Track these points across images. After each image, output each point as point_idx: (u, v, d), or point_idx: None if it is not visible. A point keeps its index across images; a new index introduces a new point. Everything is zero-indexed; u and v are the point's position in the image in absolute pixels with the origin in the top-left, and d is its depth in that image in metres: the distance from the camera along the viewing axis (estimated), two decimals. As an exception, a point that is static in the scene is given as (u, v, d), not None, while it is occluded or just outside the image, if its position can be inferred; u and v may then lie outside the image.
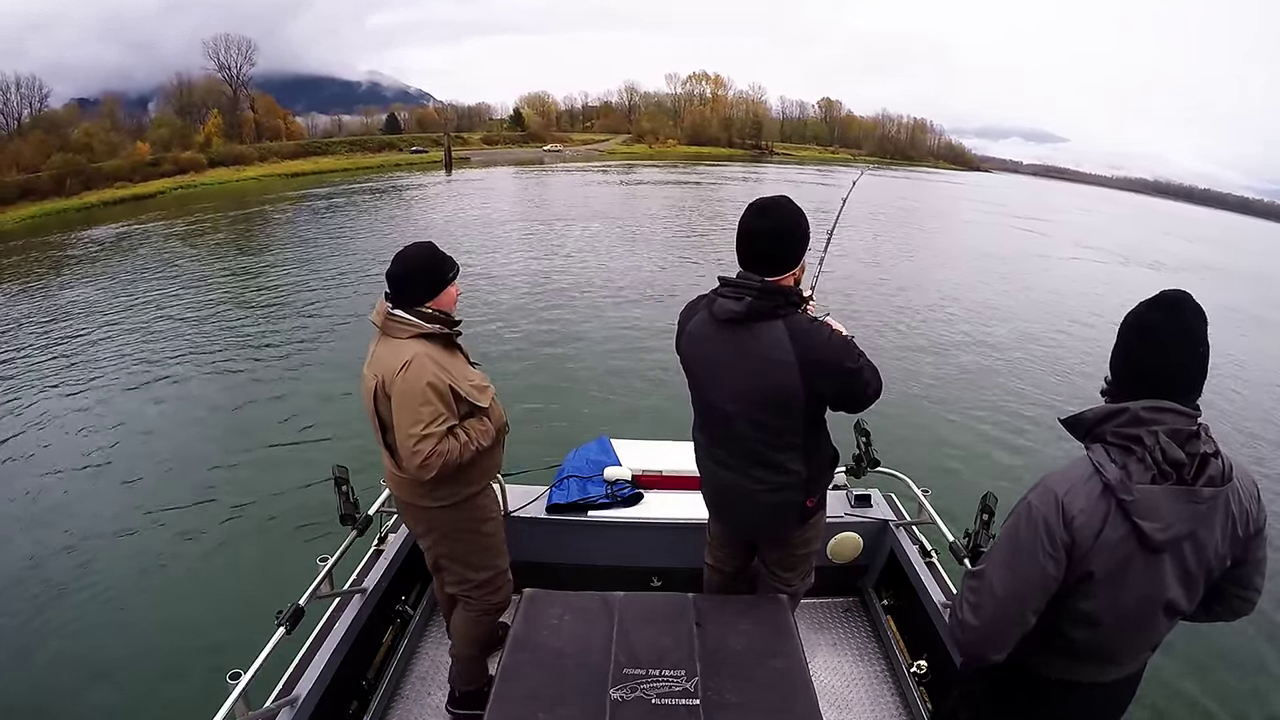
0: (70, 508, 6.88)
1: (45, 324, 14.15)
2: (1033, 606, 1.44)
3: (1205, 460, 1.33)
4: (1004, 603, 1.46)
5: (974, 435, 8.94)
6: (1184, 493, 1.32)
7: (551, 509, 3.13)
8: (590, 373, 10.60)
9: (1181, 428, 1.33)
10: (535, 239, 22.93)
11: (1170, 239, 42.39)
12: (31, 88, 61.82)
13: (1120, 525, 1.35)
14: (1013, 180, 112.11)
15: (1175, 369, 1.36)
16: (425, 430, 2.08)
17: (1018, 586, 1.44)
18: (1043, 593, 1.43)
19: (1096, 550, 1.37)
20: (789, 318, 1.93)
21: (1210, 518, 1.35)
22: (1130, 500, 1.33)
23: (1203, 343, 1.36)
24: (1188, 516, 1.33)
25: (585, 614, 2.06)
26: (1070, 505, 1.38)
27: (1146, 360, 1.39)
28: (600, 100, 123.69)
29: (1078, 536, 1.37)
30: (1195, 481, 1.32)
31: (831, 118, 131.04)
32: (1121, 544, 1.36)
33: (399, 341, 2.17)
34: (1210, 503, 1.33)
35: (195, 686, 2.63)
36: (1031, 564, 1.41)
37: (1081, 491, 1.38)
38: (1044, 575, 1.41)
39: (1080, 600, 1.43)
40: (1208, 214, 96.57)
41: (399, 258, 2.20)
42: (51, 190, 48.08)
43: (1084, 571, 1.40)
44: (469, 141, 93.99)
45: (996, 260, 23.35)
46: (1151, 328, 1.38)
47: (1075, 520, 1.37)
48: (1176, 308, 1.37)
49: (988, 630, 1.49)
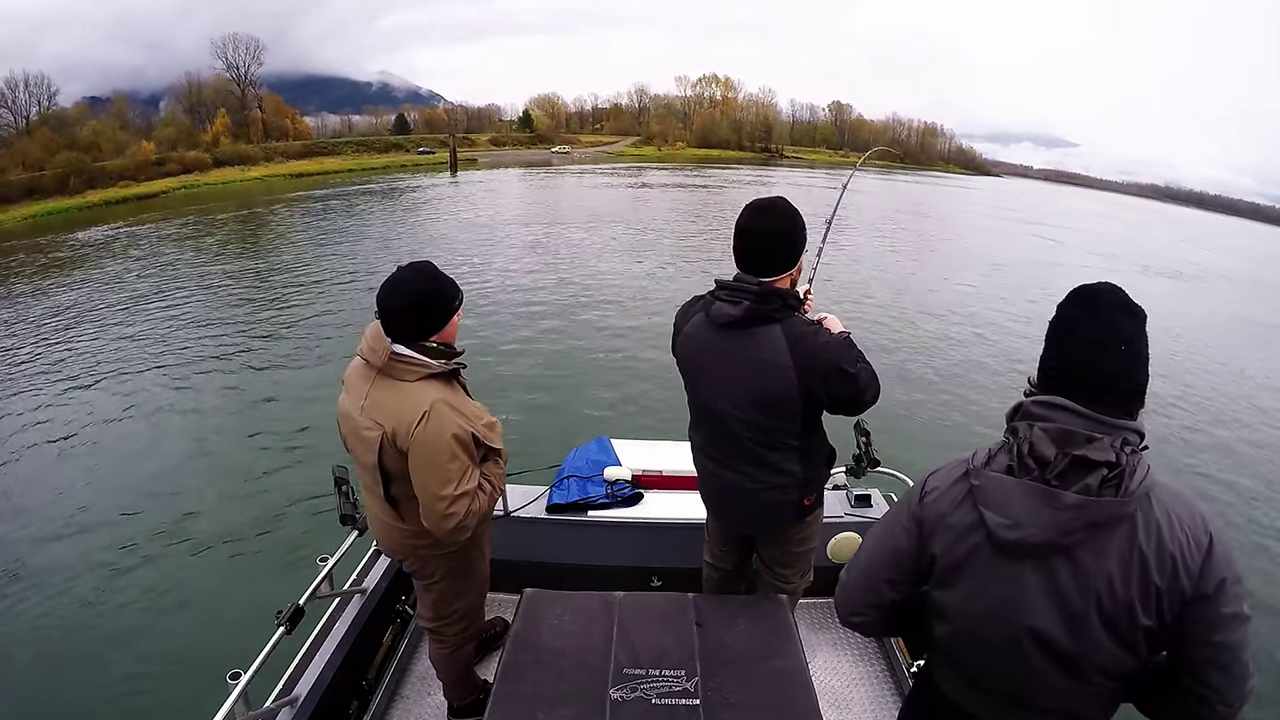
0: (69, 508, 6.90)
1: (45, 325, 14.23)
2: (884, 576, 1.43)
3: (1084, 464, 1.15)
4: (863, 566, 1.47)
5: (974, 435, 8.88)
6: (1039, 491, 1.17)
7: (551, 509, 3.14)
8: (591, 373, 10.63)
9: (1075, 429, 1.17)
10: (536, 241, 22.96)
11: (1186, 246, 42.09)
12: (40, 86, 62.31)
13: (970, 512, 1.27)
14: (1024, 185, 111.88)
15: (1084, 368, 1.21)
16: (458, 490, 1.90)
17: (876, 554, 1.45)
18: (894, 564, 1.41)
19: (942, 530, 1.31)
20: (786, 321, 1.92)
21: (1093, 539, 1.16)
22: (977, 485, 1.25)
23: (1127, 342, 1.20)
24: (1046, 523, 1.16)
25: (585, 614, 2.05)
26: (930, 482, 1.37)
27: (1057, 357, 1.26)
28: (610, 102, 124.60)
29: (926, 513, 1.34)
30: (1064, 485, 1.16)
31: (841, 121, 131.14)
32: (968, 533, 1.27)
33: (407, 385, 1.93)
34: (1076, 513, 1.14)
35: (195, 686, 2.63)
36: (889, 534, 1.42)
37: (945, 472, 1.35)
38: (896, 547, 1.40)
39: (934, 589, 1.38)
40: (1221, 220, 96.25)
41: (397, 287, 1.93)
42: (55, 189, 48.19)
43: (930, 553, 1.34)
44: (476, 143, 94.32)
45: (1006, 266, 23.26)
46: (1065, 322, 1.26)
47: (928, 497, 1.35)
48: (1093, 300, 1.24)
49: (848, 589, 1.50)
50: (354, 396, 2.01)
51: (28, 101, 61.00)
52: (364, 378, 1.99)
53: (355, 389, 2.01)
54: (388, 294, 1.92)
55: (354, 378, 2.04)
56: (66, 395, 10.10)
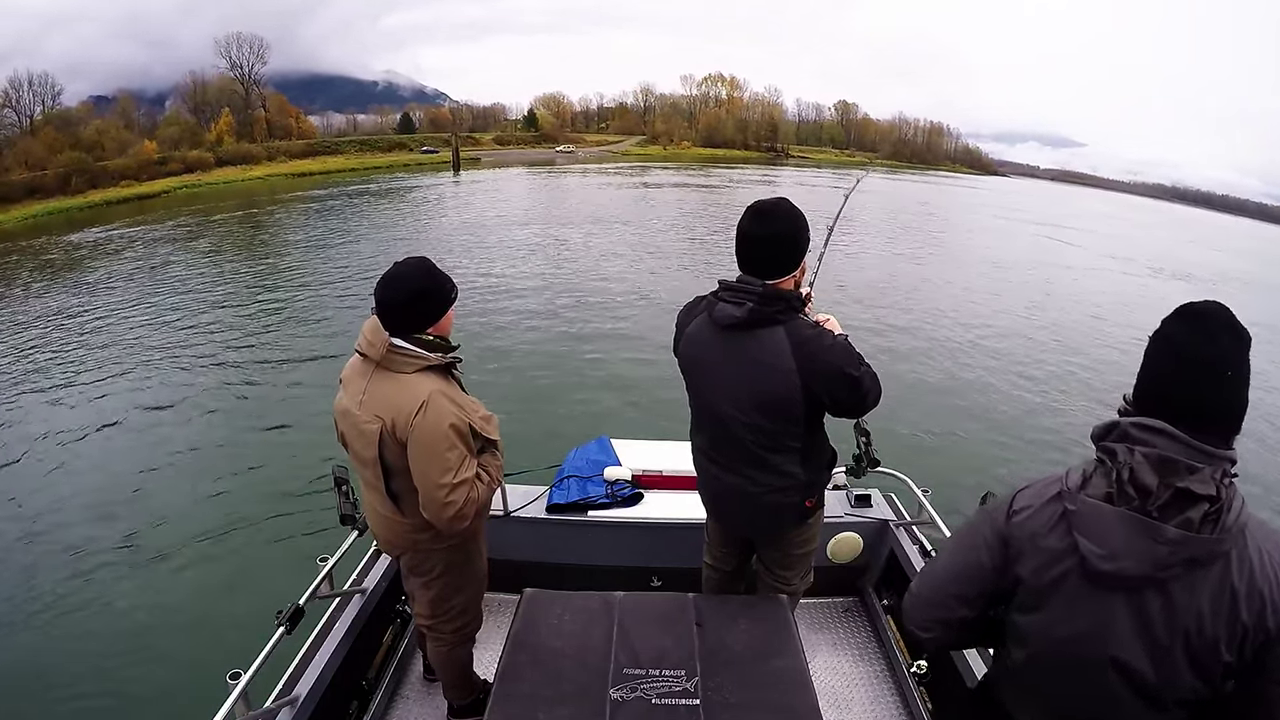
0: (69, 508, 6.94)
1: (44, 326, 14.31)
2: (959, 592, 1.38)
3: (1186, 497, 1.09)
4: (937, 581, 1.42)
5: (975, 435, 8.94)
6: (1141, 523, 1.11)
7: (551, 509, 3.13)
8: (591, 373, 10.65)
9: (1177, 457, 1.11)
10: (536, 241, 23.02)
11: (1195, 247, 41.95)
12: (44, 85, 62.54)
13: (1063, 536, 1.21)
14: (1031, 185, 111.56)
15: (1189, 393, 1.14)
16: (457, 478, 1.94)
17: (952, 569, 1.40)
18: (972, 582, 1.36)
19: (1030, 553, 1.26)
20: (789, 323, 1.91)
21: (1188, 575, 1.11)
22: (1073, 510, 1.19)
23: (1231, 367, 1.13)
24: (1145, 556, 1.11)
25: (585, 614, 2.04)
26: (1019, 500, 1.30)
27: (1157, 377, 1.20)
28: (615, 101, 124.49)
29: (1015, 533, 1.28)
30: (1165, 518, 1.10)
31: (848, 120, 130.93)
32: (1059, 558, 1.22)
33: (405, 377, 1.97)
34: (1175, 549, 1.09)
35: (195, 686, 2.63)
36: (970, 550, 1.36)
37: (1036, 490, 1.29)
38: (978, 564, 1.34)
39: (1016, 612, 1.33)
40: (1231, 221, 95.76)
41: (394, 281, 1.97)
42: (57, 189, 48.31)
43: (1015, 574, 1.29)
44: (481, 142, 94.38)
45: (1012, 267, 23.23)
46: (1171, 342, 1.18)
47: (1017, 515, 1.29)
48: (1200, 320, 1.16)
49: (919, 601, 1.45)
50: (352, 392, 2.04)
51: (32, 100, 61.40)
52: (362, 373, 2.03)
53: (353, 384, 2.05)
54: (385, 288, 1.96)
55: (351, 374, 2.08)
56: (66, 396, 10.16)
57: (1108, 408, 8.22)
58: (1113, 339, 14.28)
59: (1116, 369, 11.82)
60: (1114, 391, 10.60)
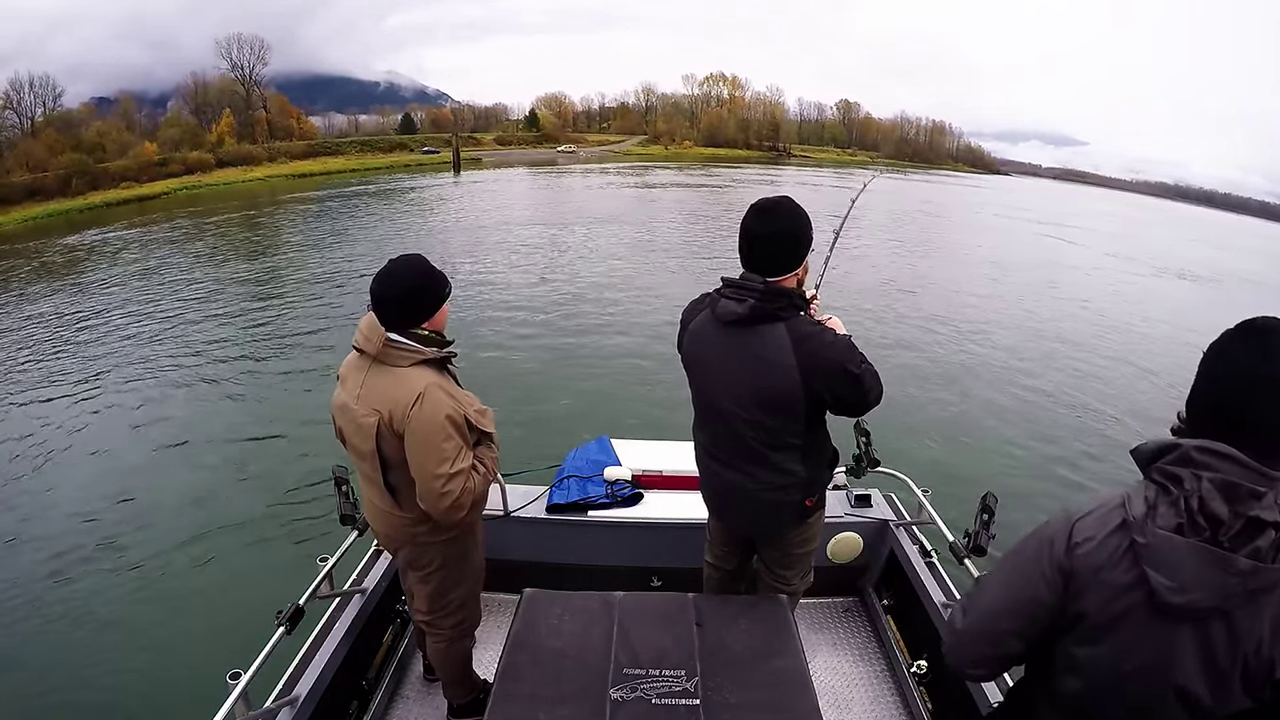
0: (68, 509, 6.94)
1: (43, 327, 14.31)
2: (1014, 628, 1.32)
3: (1257, 526, 1.07)
4: (987, 615, 1.36)
5: (974, 435, 8.91)
6: (1214, 555, 1.08)
7: (551, 509, 3.13)
8: (591, 373, 10.65)
9: (1239, 482, 1.08)
10: (536, 241, 22.98)
11: (1199, 246, 41.80)
12: (45, 86, 62.40)
13: (1129, 569, 1.16)
14: (1033, 184, 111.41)
15: (1255, 414, 1.11)
16: (453, 469, 1.97)
17: (1005, 602, 1.33)
18: (1029, 618, 1.29)
19: (1095, 587, 1.20)
20: (791, 321, 1.92)
21: (1251, 603, 1.09)
22: (1143, 544, 1.14)
23: None
24: (1216, 588, 1.09)
25: (585, 614, 2.05)
26: (1080, 531, 1.22)
27: (1217, 396, 1.16)
28: (617, 101, 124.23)
29: (1078, 565, 1.21)
30: (1235, 548, 1.07)
31: (849, 120, 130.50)
32: (1126, 592, 1.17)
33: (401, 371, 2.00)
34: (1249, 579, 1.07)
35: (195, 686, 2.63)
36: (1025, 582, 1.29)
37: (1098, 520, 1.21)
38: (1035, 598, 1.27)
39: (1074, 644, 1.27)
40: (1234, 219, 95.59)
41: (389, 277, 2.00)
42: (58, 190, 48.35)
43: (1078, 609, 1.23)
44: (482, 142, 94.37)
45: (1014, 266, 23.13)
46: (1232, 360, 1.14)
47: (1079, 548, 1.21)
48: (1261, 337, 1.13)
49: (966, 638, 1.39)
50: (350, 387, 2.07)
51: (33, 102, 61.28)
52: (359, 368, 2.07)
53: (351, 380, 2.08)
54: (380, 284, 2.00)
55: (349, 370, 2.11)
56: (66, 397, 10.16)
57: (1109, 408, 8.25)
58: (1115, 339, 14.30)
59: (1119, 369, 11.84)
60: (1115, 391, 10.77)
